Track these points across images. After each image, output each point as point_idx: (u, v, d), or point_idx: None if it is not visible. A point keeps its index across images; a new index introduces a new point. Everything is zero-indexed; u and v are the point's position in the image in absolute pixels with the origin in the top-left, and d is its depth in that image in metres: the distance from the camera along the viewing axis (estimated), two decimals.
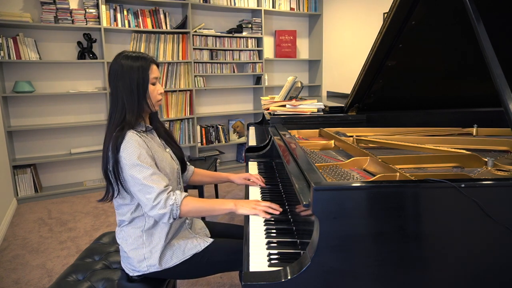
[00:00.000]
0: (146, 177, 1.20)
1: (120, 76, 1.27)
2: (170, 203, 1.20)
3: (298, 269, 0.84)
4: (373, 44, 1.62)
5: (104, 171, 1.25)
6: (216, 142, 4.49)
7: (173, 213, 1.21)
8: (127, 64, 1.27)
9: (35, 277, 2.19)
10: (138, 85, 1.27)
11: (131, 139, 1.22)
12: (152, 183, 1.20)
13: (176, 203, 1.22)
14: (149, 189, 1.19)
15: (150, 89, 1.30)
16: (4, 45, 3.26)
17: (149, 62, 1.30)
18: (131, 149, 1.20)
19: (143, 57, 1.30)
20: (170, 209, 1.20)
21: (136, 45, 3.87)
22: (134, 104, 1.27)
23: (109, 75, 1.30)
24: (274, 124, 1.91)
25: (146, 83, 1.29)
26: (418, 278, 0.85)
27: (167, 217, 1.21)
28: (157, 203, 1.19)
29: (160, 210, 1.19)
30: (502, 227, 0.85)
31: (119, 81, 1.27)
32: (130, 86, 1.26)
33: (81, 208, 3.33)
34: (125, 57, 1.29)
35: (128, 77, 1.26)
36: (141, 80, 1.27)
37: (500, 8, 1.43)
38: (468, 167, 1.22)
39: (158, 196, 1.20)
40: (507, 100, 1.03)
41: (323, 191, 0.83)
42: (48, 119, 3.68)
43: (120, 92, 1.27)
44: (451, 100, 1.97)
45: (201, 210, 1.27)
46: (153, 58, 1.33)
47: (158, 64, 1.36)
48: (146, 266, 1.29)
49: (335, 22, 4.63)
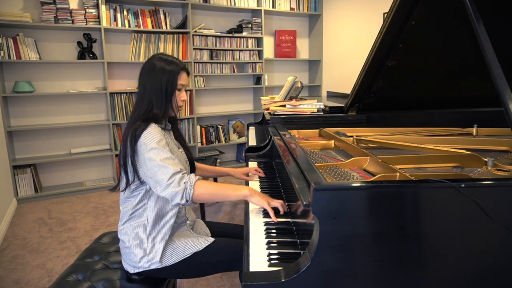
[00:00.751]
0: (164, 159, 1.21)
1: (151, 75, 1.32)
2: (183, 181, 1.21)
3: (298, 269, 0.84)
4: (373, 44, 1.62)
5: (122, 159, 1.27)
6: (216, 142, 4.49)
7: (186, 192, 1.20)
8: (160, 65, 1.32)
9: (35, 277, 2.19)
10: (166, 88, 1.32)
11: (153, 128, 1.26)
12: (168, 164, 1.21)
13: (190, 182, 1.21)
14: (165, 169, 1.20)
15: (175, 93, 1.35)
16: (4, 45, 3.26)
17: (180, 68, 1.35)
18: (152, 135, 1.24)
19: (176, 62, 1.35)
20: (184, 187, 1.20)
21: (136, 45, 3.87)
22: (162, 103, 1.33)
23: (141, 71, 1.35)
24: (274, 124, 1.91)
25: (174, 87, 1.34)
26: (418, 278, 0.85)
27: (179, 196, 1.19)
28: (172, 181, 1.19)
29: (173, 188, 1.19)
30: (502, 227, 0.85)
31: (149, 79, 1.32)
32: (159, 86, 1.31)
33: (81, 208, 3.33)
34: (159, 59, 1.34)
35: (158, 78, 1.31)
36: (170, 84, 1.32)
37: (500, 8, 1.43)
38: (468, 167, 1.22)
39: (172, 175, 1.20)
40: (507, 100, 1.03)
41: (323, 191, 0.83)
42: (48, 119, 3.68)
43: (148, 90, 1.32)
44: (451, 100, 1.97)
45: (214, 193, 1.25)
46: (185, 66, 1.39)
47: (189, 73, 1.41)
48: (147, 262, 1.30)
49: (335, 22, 4.63)
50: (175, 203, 1.21)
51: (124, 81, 4.00)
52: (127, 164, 1.27)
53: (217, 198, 1.28)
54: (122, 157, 1.28)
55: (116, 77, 3.95)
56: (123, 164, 1.28)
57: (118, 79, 3.96)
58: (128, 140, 1.25)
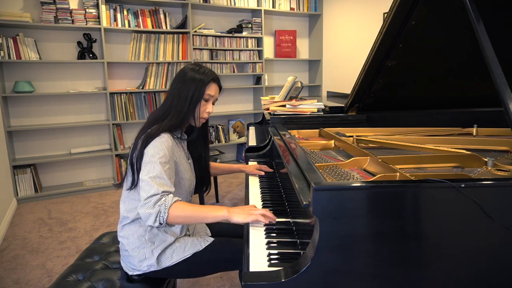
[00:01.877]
0: (153, 177, 1.18)
1: (181, 81, 1.33)
2: (158, 204, 1.15)
3: (298, 269, 0.84)
4: (373, 44, 1.62)
5: (130, 159, 1.27)
6: (216, 142, 4.49)
7: (160, 215, 1.14)
8: (191, 74, 1.33)
9: (35, 277, 2.19)
10: (192, 96, 1.31)
11: (162, 141, 1.24)
12: (154, 183, 1.18)
13: (165, 205, 1.15)
14: (149, 187, 1.17)
15: (200, 103, 1.34)
16: (4, 45, 3.26)
17: (211, 79, 1.34)
18: (158, 148, 1.23)
19: (207, 73, 1.35)
20: (158, 210, 1.14)
21: (136, 45, 3.87)
22: (181, 111, 1.31)
23: (173, 79, 1.37)
24: (274, 124, 1.91)
25: (200, 96, 1.33)
26: (418, 278, 0.85)
27: (152, 218, 1.14)
28: (148, 202, 1.15)
29: (147, 210, 1.14)
30: (502, 227, 0.84)
31: (177, 85, 1.33)
32: (186, 93, 1.31)
33: (81, 208, 3.33)
34: (192, 69, 1.35)
35: (186, 85, 1.32)
36: (196, 92, 1.32)
37: (500, 8, 1.43)
38: (468, 167, 1.22)
39: (151, 196, 1.16)
40: (507, 100, 1.03)
41: (323, 191, 0.82)
42: (48, 119, 3.68)
43: (173, 95, 1.32)
44: (451, 100, 1.97)
45: (190, 215, 1.18)
46: (217, 77, 1.38)
47: (221, 87, 1.40)
48: (146, 266, 1.29)
49: (335, 22, 4.63)
50: (148, 225, 1.16)
51: (124, 81, 4.00)
52: (134, 164, 1.26)
53: (193, 220, 1.21)
54: (131, 156, 1.27)
55: (116, 77, 3.95)
56: (131, 163, 1.27)
57: (118, 79, 3.96)
58: (140, 143, 1.25)
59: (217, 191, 3.42)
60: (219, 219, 1.21)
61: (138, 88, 3.99)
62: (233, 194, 3.64)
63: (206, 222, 1.35)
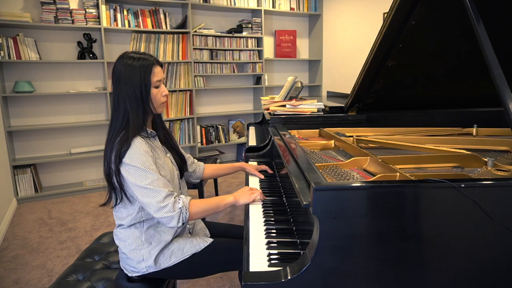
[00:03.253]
0: (152, 182, 1.18)
1: (122, 79, 1.23)
2: (178, 206, 1.20)
3: (298, 269, 0.84)
4: (373, 44, 1.62)
5: (106, 176, 1.23)
6: (216, 142, 4.49)
7: (182, 215, 1.20)
8: (129, 67, 1.22)
9: (35, 277, 2.19)
10: (141, 90, 1.23)
11: (137, 147, 1.19)
12: (158, 187, 1.18)
13: (185, 205, 1.22)
14: (156, 192, 1.18)
15: (153, 92, 1.26)
16: (4, 45, 3.26)
17: (151, 64, 1.25)
18: (136, 155, 1.19)
19: (145, 58, 1.25)
20: (180, 211, 1.20)
21: (136, 45, 3.87)
22: (138, 108, 1.24)
23: (112, 77, 1.27)
24: (274, 124, 1.91)
25: (148, 87, 1.24)
26: (418, 278, 0.85)
27: (175, 220, 1.19)
28: (165, 205, 1.18)
29: (168, 213, 1.18)
30: (502, 227, 0.84)
31: (121, 85, 1.23)
32: (133, 91, 1.22)
33: (81, 208, 3.33)
34: (127, 59, 1.24)
35: (130, 81, 1.22)
36: (143, 85, 1.23)
37: (500, 8, 1.43)
38: (468, 167, 1.22)
39: (165, 199, 1.18)
40: (507, 100, 1.03)
41: (323, 191, 0.82)
42: (48, 119, 3.68)
43: (122, 96, 1.23)
44: (451, 100, 1.97)
45: (207, 209, 1.28)
46: (156, 59, 1.28)
47: (162, 65, 1.31)
48: (145, 267, 1.29)
49: (335, 22, 4.63)
50: (171, 226, 1.21)
51: None
52: (113, 182, 1.22)
53: (209, 213, 1.30)
54: (106, 174, 1.22)
55: None
56: (108, 181, 1.23)
57: None
58: (112, 159, 1.19)
59: (217, 191, 3.42)
60: (229, 205, 1.33)
61: None
62: None
63: (219, 211, 1.38)
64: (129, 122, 1.23)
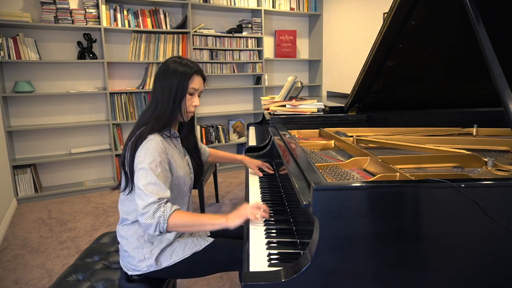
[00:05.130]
0: (146, 184, 1.18)
1: (163, 77, 1.30)
2: (158, 215, 1.15)
3: (298, 269, 0.84)
4: (373, 44, 1.62)
5: (122, 163, 1.27)
6: (216, 142, 4.49)
7: (159, 225, 1.15)
8: (173, 67, 1.29)
9: (35, 277, 2.19)
10: (176, 91, 1.28)
11: (151, 144, 1.22)
12: (149, 191, 1.17)
13: (164, 216, 1.16)
14: (145, 196, 1.17)
15: (186, 97, 1.31)
16: (4, 45, 3.26)
17: (194, 71, 1.31)
18: (148, 152, 1.21)
19: (189, 65, 1.31)
20: (157, 221, 1.15)
21: (136, 45, 3.87)
22: (167, 107, 1.29)
23: (156, 73, 1.34)
24: (274, 124, 1.91)
25: (184, 91, 1.30)
26: (418, 278, 0.85)
27: (153, 228, 1.15)
28: (146, 211, 1.16)
29: (147, 220, 1.15)
30: (502, 227, 0.84)
31: (160, 81, 1.30)
32: (169, 89, 1.28)
33: (81, 208, 3.33)
34: (173, 61, 1.31)
35: (169, 80, 1.28)
36: (180, 87, 1.29)
37: (500, 8, 1.43)
38: (468, 167, 1.22)
39: (149, 205, 1.16)
40: (507, 100, 1.03)
41: (323, 191, 0.82)
42: (48, 119, 3.68)
43: (158, 91, 1.30)
44: (451, 100, 1.97)
45: (189, 224, 1.20)
46: (200, 69, 1.35)
47: (204, 78, 1.37)
48: (146, 266, 1.29)
49: (335, 22, 4.63)
50: (149, 233, 1.21)
51: (124, 81, 4.00)
52: (125, 167, 1.26)
53: (192, 229, 1.24)
54: (122, 159, 1.28)
55: (116, 77, 3.95)
56: (123, 165, 1.27)
57: (118, 79, 3.96)
58: (129, 145, 1.24)
59: (217, 191, 3.42)
60: (217, 228, 1.22)
61: (138, 88, 3.99)
62: (233, 194, 3.64)
63: (204, 230, 1.32)
64: (157, 117, 1.28)
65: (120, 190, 1.32)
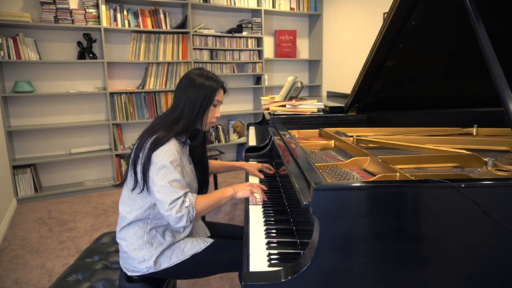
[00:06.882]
0: (171, 180, 1.23)
1: (190, 88, 1.35)
2: (185, 205, 1.23)
3: (298, 269, 0.84)
4: (373, 44, 1.62)
5: (134, 161, 1.28)
6: (216, 142, 4.49)
7: (189, 214, 1.24)
8: (200, 81, 1.36)
9: (35, 277, 2.19)
10: (202, 102, 1.35)
11: (172, 145, 1.28)
12: (174, 187, 1.23)
13: (191, 204, 1.25)
14: (171, 191, 1.22)
15: (210, 109, 1.39)
16: (4, 45, 3.26)
17: (220, 85, 1.40)
18: (169, 152, 1.25)
19: (216, 79, 1.40)
20: (187, 210, 1.23)
21: (136, 45, 3.87)
22: (191, 117, 1.35)
23: (179, 85, 1.39)
24: (274, 124, 1.91)
25: (210, 102, 1.37)
26: (418, 278, 0.85)
27: (185, 220, 1.23)
28: (173, 205, 1.21)
29: (177, 214, 1.21)
30: (502, 227, 0.84)
31: (186, 93, 1.35)
32: (196, 98, 1.35)
33: (81, 208, 3.33)
34: (200, 74, 1.38)
35: (196, 92, 1.35)
36: (206, 99, 1.36)
37: (500, 8, 1.43)
38: (468, 167, 1.22)
39: (176, 199, 1.22)
40: (507, 100, 1.03)
41: (323, 191, 0.82)
42: (48, 119, 3.68)
43: (183, 101, 1.35)
44: (451, 100, 1.97)
45: (211, 205, 1.32)
46: (224, 84, 1.44)
47: (226, 90, 1.46)
48: (145, 267, 1.29)
49: (335, 22, 4.63)
50: (180, 226, 1.24)
51: (124, 81, 4.00)
52: (137, 166, 1.27)
53: (213, 208, 1.34)
54: (133, 158, 1.28)
55: (116, 77, 3.95)
56: (133, 165, 1.28)
57: (118, 79, 3.96)
58: (147, 145, 1.25)
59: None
60: (229, 198, 1.37)
61: (138, 88, 3.99)
62: None
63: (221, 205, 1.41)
64: (178, 124, 1.34)
65: (129, 189, 1.32)
